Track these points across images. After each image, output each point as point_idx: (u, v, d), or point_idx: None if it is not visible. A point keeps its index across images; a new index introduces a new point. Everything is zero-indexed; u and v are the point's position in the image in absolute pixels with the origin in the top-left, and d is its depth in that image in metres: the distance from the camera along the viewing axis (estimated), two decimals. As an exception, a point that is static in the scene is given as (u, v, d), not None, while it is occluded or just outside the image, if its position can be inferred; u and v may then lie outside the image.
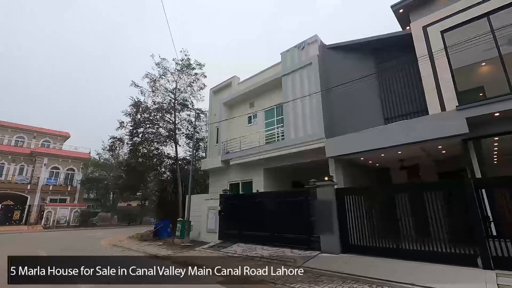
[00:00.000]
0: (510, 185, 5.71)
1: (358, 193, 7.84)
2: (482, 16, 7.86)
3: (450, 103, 7.84)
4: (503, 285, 4.59)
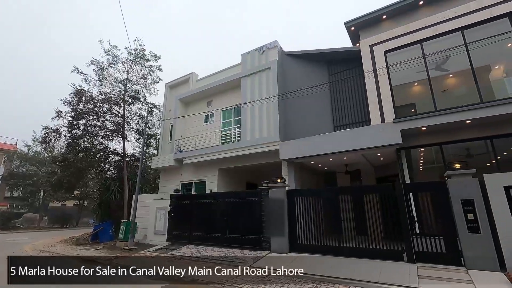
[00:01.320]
0: (430, 189, 6.63)
1: (307, 194, 8.27)
2: (417, 43, 9.04)
3: (389, 116, 8.82)
4: (422, 275, 5.31)
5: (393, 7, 9.57)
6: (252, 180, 14.54)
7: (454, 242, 5.84)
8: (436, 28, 8.74)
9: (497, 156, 7.70)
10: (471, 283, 4.77)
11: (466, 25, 8.32)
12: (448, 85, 9.14)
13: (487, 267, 5.30)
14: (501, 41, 7.90)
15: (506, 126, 7.20)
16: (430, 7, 9.17)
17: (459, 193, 5.87)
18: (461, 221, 5.74)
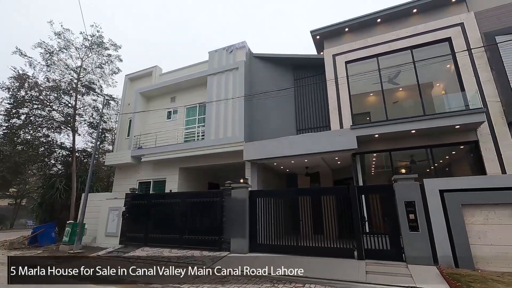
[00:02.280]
0: (379, 191, 7.23)
1: (269, 195, 8.42)
2: (373, 57, 9.82)
3: (347, 123, 9.42)
4: (370, 271, 5.76)
5: (354, 21, 10.26)
6: (215, 180, 14.35)
7: (398, 240, 6.44)
8: (390, 45, 9.59)
9: (435, 163, 8.70)
10: (410, 277, 5.30)
11: (415, 45, 9.29)
12: (398, 97, 10.10)
13: (423, 262, 5.94)
14: (442, 61, 8.96)
15: (443, 137, 8.17)
16: (386, 25, 10.03)
17: (403, 195, 6.49)
18: (403, 221, 6.35)
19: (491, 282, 4.70)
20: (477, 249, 5.73)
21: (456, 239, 5.85)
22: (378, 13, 9.90)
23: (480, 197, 5.91)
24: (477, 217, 5.90)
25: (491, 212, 5.82)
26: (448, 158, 9.31)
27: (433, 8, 9.38)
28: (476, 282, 4.69)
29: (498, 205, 5.78)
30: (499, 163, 7.47)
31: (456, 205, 6.02)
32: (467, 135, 7.95)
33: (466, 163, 8.61)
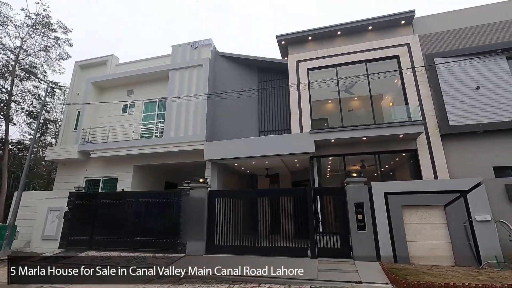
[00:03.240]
0: (333, 193, 7.68)
1: (228, 195, 8.36)
2: (333, 66, 10.44)
3: (306, 127, 9.83)
4: (321, 269, 6.07)
5: (317, 31, 10.79)
6: (173, 179, 13.79)
7: (347, 239, 6.91)
8: (348, 56, 10.30)
9: (382, 168, 9.56)
10: (356, 273, 5.72)
11: (369, 59, 10.11)
12: (353, 106, 10.88)
13: (368, 258, 6.47)
14: (391, 76, 9.91)
15: (389, 144, 9.02)
16: (345, 38, 10.74)
17: (354, 197, 7.00)
18: (353, 221, 6.85)
19: (422, 274, 5.31)
20: (413, 246, 6.43)
21: (396, 237, 6.49)
22: (338, 26, 10.56)
23: (417, 199, 6.66)
24: (414, 217, 6.63)
25: (425, 213, 6.58)
26: (393, 163, 10.32)
27: (385, 27, 10.33)
28: (410, 275, 5.26)
29: (431, 207, 6.57)
30: (433, 170, 8.51)
31: (397, 206, 6.68)
32: (409, 144, 8.90)
33: (407, 169, 9.62)
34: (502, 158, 8.13)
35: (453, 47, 9.42)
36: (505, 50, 8.76)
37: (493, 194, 6.30)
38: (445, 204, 6.45)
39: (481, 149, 8.35)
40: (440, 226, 6.42)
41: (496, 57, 8.87)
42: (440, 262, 6.20)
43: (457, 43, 9.46)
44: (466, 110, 8.65)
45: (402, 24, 10.19)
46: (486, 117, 8.42)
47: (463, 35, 9.49)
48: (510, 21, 9.01)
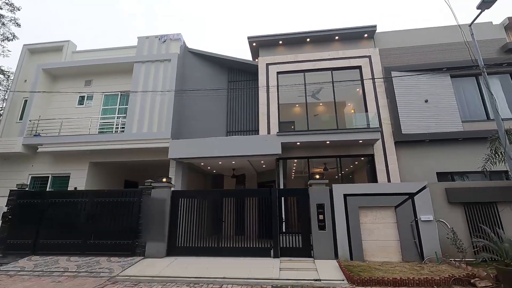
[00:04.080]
0: (297, 194, 7.90)
1: (192, 196, 8.15)
2: (301, 72, 10.80)
3: (274, 129, 10.03)
4: (283, 268, 6.22)
5: (288, 36, 11.08)
6: (133, 178, 13.07)
7: (308, 238, 7.18)
8: (315, 63, 10.74)
9: (342, 171, 10.12)
10: (315, 271, 5.97)
11: (334, 67, 10.66)
12: (319, 111, 11.36)
13: (327, 257, 6.80)
14: (354, 85, 10.55)
15: (349, 149, 9.59)
16: (314, 45, 11.19)
17: (316, 198, 7.30)
18: (314, 221, 7.14)
19: (374, 270, 5.73)
20: (367, 244, 6.91)
21: (353, 236, 6.91)
22: (308, 33, 10.96)
23: (372, 201, 7.16)
24: (369, 217, 7.13)
25: (378, 213, 7.12)
26: (352, 167, 10.99)
27: (350, 38, 10.98)
28: (364, 271, 5.64)
29: (383, 207, 7.12)
30: (386, 174, 9.24)
31: (355, 207, 7.12)
32: (367, 149, 9.56)
33: (364, 172, 10.31)
34: (444, 165, 9.13)
35: (407, 63, 10.35)
36: (449, 69, 9.86)
37: (435, 196, 7.04)
38: (396, 205, 7.04)
39: (427, 156, 9.29)
40: (391, 225, 6.99)
41: (442, 75, 9.95)
42: (390, 258, 6.74)
43: (411, 59, 10.42)
44: (416, 120, 9.56)
45: (365, 37, 10.92)
46: (432, 128, 9.39)
47: (416, 52, 10.49)
48: (453, 43, 10.18)
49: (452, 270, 5.63)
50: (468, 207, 6.92)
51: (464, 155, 8.97)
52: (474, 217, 6.83)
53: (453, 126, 9.34)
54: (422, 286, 4.96)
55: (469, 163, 8.64)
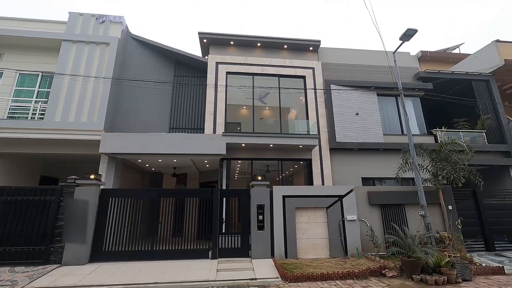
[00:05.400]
0: (239, 195, 7.97)
1: (125, 195, 7.45)
2: (250, 74, 10.99)
3: (220, 129, 9.94)
4: (221, 269, 6.18)
5: (239, 38, 11.15)
6: (53, 174, 11.30)
7: (247, 239, 7.31)
8: (264, 68, 11.07)
9: (283, 174, 10.63)
10: (252, 270, 6.11)
11: (281, 74, 11.17)
12: (264, 114, 11.72)
13: (264, 256, 7.03)
14: (298, 93, 11.22)
15: (291, 153, 10.14)
16: (264, 50, 11.51)
17: (257, 199, 7.49)
18: (254, 221, 7.31)
19: (305, 267, 6.17)
20: (301, 242, 7.40)
21: (289, 236, 7.31)
22: (259, 38, 11.22)
23: (307, 202, 7.72)
24: (304, 217, 7.65)
25: (312, 214, 7.70)
26: (292, 170, 11.65)
27: (297, 49, 11.67)
28: (296, 268, 6.02)
29: (317, 208, 7.74)
30: (321, 177, 10.07)
31: (292, 208, 7.56)
32: (306, 153, 10.26)
33: (302, 175, 11.03)
34: (368, 171, 10.43)
35: (344, 78, 11.53)
36: (376, 88, 11.34)
37: (359, 198, 7.98)
38: (327, 206, 7.73)
39: (355, 162, 10.48)
40: (322, 225, 7.65)
41: (370, 92, 11.38)
42: (320, 255, 7.36)
43: (347, 75, 11.65)
44: (348, 130, 10.70)
45: (310, 50, 11.74)
46: (360, 138, 10.64)
47: (352, 70, 11.77)
48: (381, 66, 11.76)
49: (369, 263, 6.45)
50: (384, 208, 8.05)
51: (383, 163, 10.41)
52: (387, 216, 7.98)
53: (376, 137, 10.76)
54: (344, 279, 5.55)
55: (387, 170, 10.06)
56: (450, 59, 15.18)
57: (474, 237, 8.29)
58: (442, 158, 8.01)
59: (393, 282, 5.39)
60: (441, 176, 7.96)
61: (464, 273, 5.57)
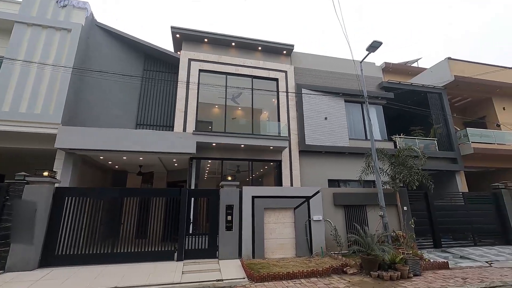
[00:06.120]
0: (208, 195, 7.85)
1: (83, 194, 6.92)
2: (223, 74, 10.90)
3: (190, 127, 9.70)
4: (186, 271, 6.02)
5: (214, 36, 10.99)
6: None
7: (215, 239, 7.21)
8: (238, 68, 11.05)
9: (253, 174, 10.68)
10: (219, 271, 6.04)
11: (255, 75, 11.24)
12: (237, 114, 11.69)
13: (232, 256, 6.99)
14: (270, 95, 11.37)
15: (261, 154, 10.23)
16: (238, 50, 11.48)
17: (226, 200, 7.43)
18: (222, 222, 7.24)
19: (272, 266, 6.26)
20: (269, 242, 7.49)
21: (257, 236, 7.36)
22: (234, 38, 11.17)
23: (276, 203, 7.84)
24: (272, 217, 7.76)
25: (280, 214, 7.84)
26: (262, 171, 11.77)
27: (271, 51, 11.83)
28: (263, 268, 6.08)
29: (285, 209, 7.90)
30: (290, 178, 10.31)
31: (261, 208, 7.63)
32: (276, 155, 10.43)
33: (272, 176, 11.19)
34: (334, 173, 10.91)
35: (315, 83, 11.94)
36: (344, 94, 11.92)
37: (325, 199, 8.31)
38: (295, 207, 7.93)
39: (322, 165, 10.89)
40: (290, 225, 7.82)
41: (339, 98, 11.93)
42: (286, 255, 7.51)
43: (318, 80, 12.08)
44: (317, 133, 11.09)
45: (283, 53, 11.98)
46: (327, 141, 11.09)
47: (323, 75, 12.24)
48: (349, 74, 12.39)
49: (331, 262, 6.73)
50: (347, 209, 8.47)
51: (348, 166, 10.95)
52: (350, 217, 8.41)
53: (343, 141, 11.29)
54: (309, 277, 5.73)
55: (351, 173, 10.61)
56: (409, 71, 16.49)
57: (424, 235, 9.08)
58: (400, 163, 8.67)
59: (353, 279, 5.69)
60: (399, 179, 8.60)
61: (415, 269, 6.07)
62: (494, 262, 7.29)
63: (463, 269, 6.65)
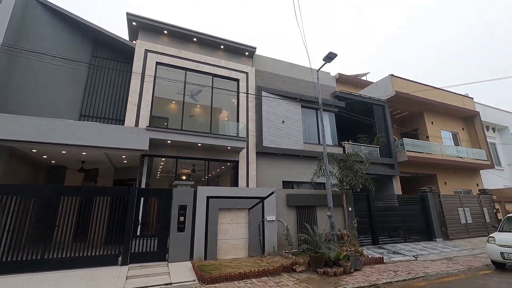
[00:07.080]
0: (159, 195, 7.46)
1: (7, 192, 5.97)
2: (183, 69, 10.51)
3: (143, 122, 9.12)
4: (131, 275, 5.62)
5: (174, 29, 10.53)
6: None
7: (165, 241, 6.89)
8: (198, 65, 10.77)
9: (209, 174, 10.50)
10: (168, 274, 5.78)
11: (216, 74, 11.08)
12: (195, 112, 11.38)
13: (183, 258, 6.75)
14: (231, 95, 11.32)
15: (219, 153, 10.11)
16: (199, 47, 11.19)
17: (179, 200, 7.16)
18: (174, 223, 6.95)
19: (224, 267, 6.21)
20: (222, 243, 7.42)
21: (210, 237, 7.24)
22: (195, 33, 10.85)
23: (231, 203, 7.82)
24: (227, 218, 7.71)
25: (235, 215, 7.84)
26: (219, 171, 11.63)
27: (234, 51, 11.80)
28: (215, 269, 6.00)
29: (240, 209, 7.92)
30: (246, 179, 10.39)
31: (215, 209, 7.52)
32: (233, 155, 10.41)
33: (229, 176, 11.14)
34: (288, 175, 11.32)
35: (274, 87, 12.26)
36: (301, 100, 12.48)
37: (279, 200, 8.57)
38: (250, 207, 8.01)
39: (278, 167, 11.22)
40: (243, 225, 7.87)
41: (296, 103, 12.45)
42: (239, 255, 7.53)
43: (277, 84, 12.43)
44: (274, 136, 11.40)
45: (246, 55, 12.04)
46: (284, 144, 11.48)
47: (282, 80, 12.63)
48: (306, 81, 13.02)
49: (282, 260, 6.97)
50: (299, 209, 8.86)
51: (302, 169, 11.48)
52: (302, 217, 8.82)
53: (298, 145, 11.80)
54: (260, 277, 5.84)
55: (304, 175, 11.14)
56: (359, 84, 18.02)
57: (365, 233, 9.98)
58: (348, 167, 9.39)
59: (301, 276, 5.97)
60: (346, 182, 9.32)
61: (356, 264, 6.63)
62: (419, 256, 8.37)
63: (395, 263, 7.49)
